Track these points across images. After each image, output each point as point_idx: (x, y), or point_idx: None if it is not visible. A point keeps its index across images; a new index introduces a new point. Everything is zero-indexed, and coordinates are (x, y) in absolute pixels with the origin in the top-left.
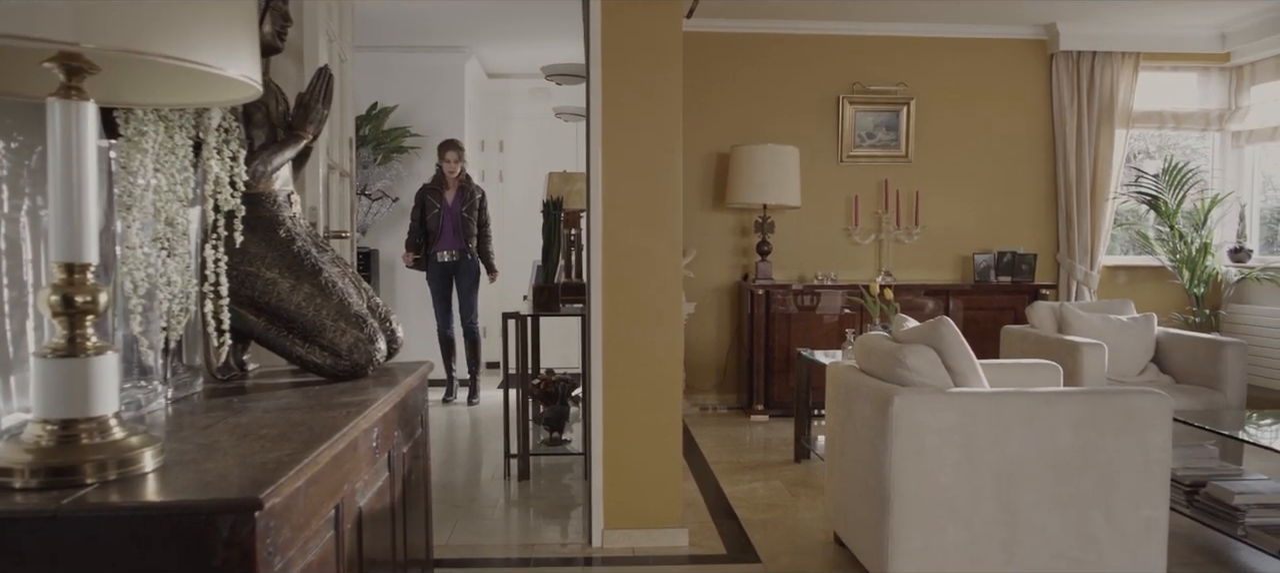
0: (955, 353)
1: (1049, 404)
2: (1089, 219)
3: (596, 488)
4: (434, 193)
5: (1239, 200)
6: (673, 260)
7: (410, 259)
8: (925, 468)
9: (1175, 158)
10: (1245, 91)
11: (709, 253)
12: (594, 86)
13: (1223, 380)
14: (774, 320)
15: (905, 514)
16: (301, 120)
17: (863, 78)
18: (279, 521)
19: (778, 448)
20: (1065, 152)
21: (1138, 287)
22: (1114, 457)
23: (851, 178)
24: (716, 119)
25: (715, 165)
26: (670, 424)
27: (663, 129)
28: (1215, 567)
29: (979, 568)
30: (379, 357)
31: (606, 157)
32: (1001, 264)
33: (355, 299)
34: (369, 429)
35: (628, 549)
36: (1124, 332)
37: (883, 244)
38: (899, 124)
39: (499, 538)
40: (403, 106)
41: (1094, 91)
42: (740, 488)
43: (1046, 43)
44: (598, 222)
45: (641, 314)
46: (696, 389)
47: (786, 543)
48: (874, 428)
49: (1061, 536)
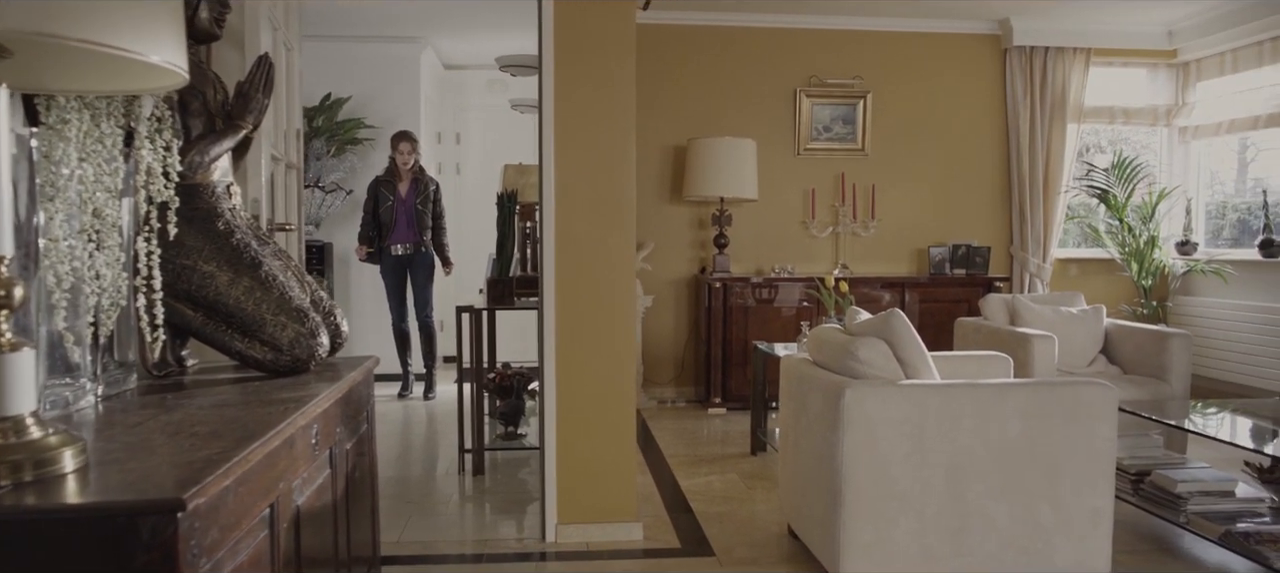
0: (906, 345)
1: (998, 396)
2: (1042, 212)
3: (550, 483)
4: (387, 185)
5: (1186, 194)
6: (626, 253)
7: (364, 253)
8: (876, 460)
9: (1124, 152)
10: (1191, 88)
11: (666, 246)
12: (546, 78)
13: (1168, 371)
14: (731, 313)
15: (856, 506)
16: (241, 110)
17: (820, 71)
18: (205, 521)
19: (735, 441)
20: (1019, 146)
21: (1089, 279)
22: (1061, 447)
23: (808, 171)
24: (673, 112)
25: (672, 158)
26: (624, 418)
27: (616, 121)
28: (1159, 554)
29: (929, 559)
30: (321, 351)
31: (559, 149)
32: (956, 257)
33: (297, 293)
34: (308, 425)
35: (581, 544)
36: (1074, 323)
37: (840, 237)
38: (856, 117)
39: (452, 534)
40: (357, 98)
41: (1046, 86)
42: (696, 481)
43: (1000, 38)
44: (550, 214)
45: (595, 307)
46: (654, 382)
47: (741, 536)
48: (826, 421)
49: (1010, 525)
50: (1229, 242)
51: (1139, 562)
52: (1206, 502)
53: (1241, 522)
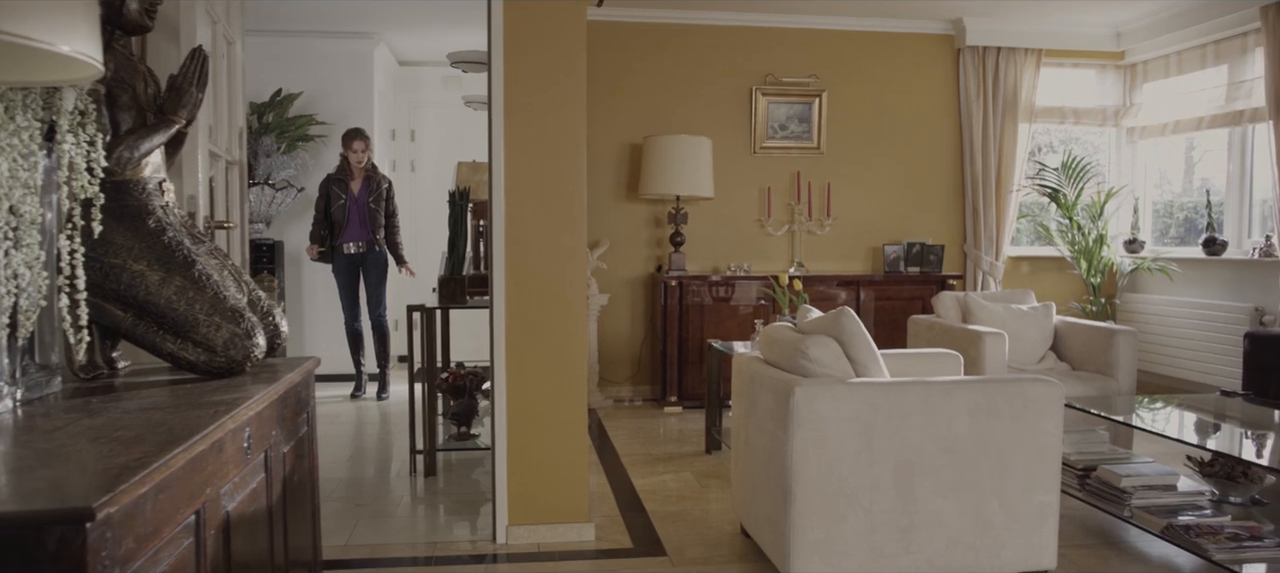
0: (856, 343)
1: (946, 393)
2: (994, 211)
3: (500, 483)
4: (339, 183)
5: (1133, 193)
6: (578, 251)
7: (314, 252)
8: (826, 458)
9: (1074, 152)
10: (1139, 89)
11: (622, 244)
12: (496, 76)
13: (1115, 367)
14: (687, 312)
15: (806, 505)
16: (173, 104)
17: (775, 70)
18: (120, 530)
19: (690, 440)
20: (972, 145)
21: (1040, 276)
22: (1008, 444)
23: (764, 169)
24: (629, 109)
25: (628, 156)
26: (576, 417)
27: (567, 119)
28: (1105, 548)
29: (878, 557)
30: (257, 352)
31: (509, 147)
32: (911, 255)
33: (233, 293)
34: (239, 429)
35: (533, 545)
36: (1024, 321)
37: (795, 235)
38: (811, 116)
39: (402, 536)
40: (308, 94)
41: (999, 86)
42: (650, 481)
43: (954, 38)
44: (500, 212)
45: (546, 306)
46: (610, 381)
47: (694, 536)
48: (776, 419)
49: (958, 522)
50: (1176, 240)
51: (1085, 556)
52: (1150, 496)
53: (1183, 515)
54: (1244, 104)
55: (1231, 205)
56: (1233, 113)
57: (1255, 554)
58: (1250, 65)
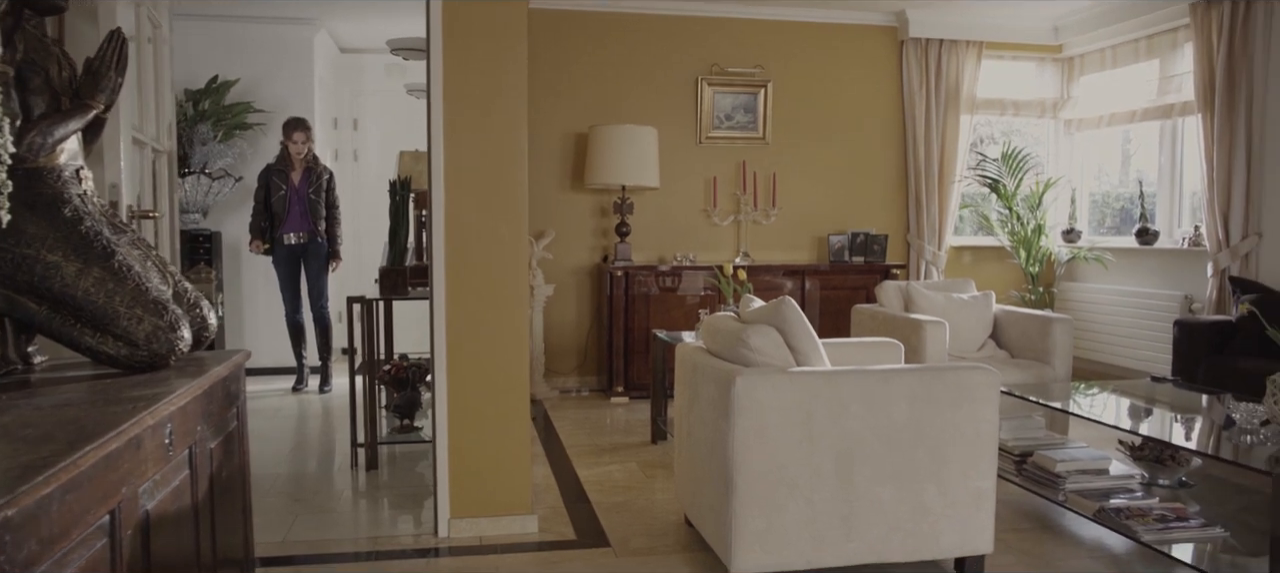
0: (797, 333)
1: (885, 381)
2: (937, 201)
3: (441, 476)
4: (279, 174)
5: (1070, 184)
6: (518, 242)
7: (259, 247)
8: (767, 447)
9: (1013, 143)
10: (1076, 82)
11: (568, 234)
12: (434, 63)
13: (1052, 354)
14: (633, 302)
15: (747, 494)
16: (90, 88)
17: (721, 59)
18: (20, 534)
19: (636, 430)
20: (915, 136)
21: (981, 266)
22: (946, 430)
23: (710, 159)
24: (574, 99)
25: (573, 146)
26: (518, 409)
27: (508, 108)
28: (1040, 532)
29: (819, 544)
30: (182, 346)
31: (449, 136)
32: (855, 245)
33: (156, 284)
34: (159, 424)
35: (475, 538)
36: (964, 309)
37: (741, 225)
38: (757, 106)
39: (342, 532)
40: (246, 81)
41: (941, 78)
42: (595, 471)
43: (897, 29)
44: (439, 203)
45: (487, 297)
46: (557, 372)
47: (638, 526)
48: (717, 409)
49: (897, 508)
50: (1112, 230)
51: (1021, 539)
52: (1083, 480)
53: (1114, 498)
54: (1175, 98)
55: (1163, 196)
56: (1164, 106)
57: (1181, 534)
58: (1180, 60)
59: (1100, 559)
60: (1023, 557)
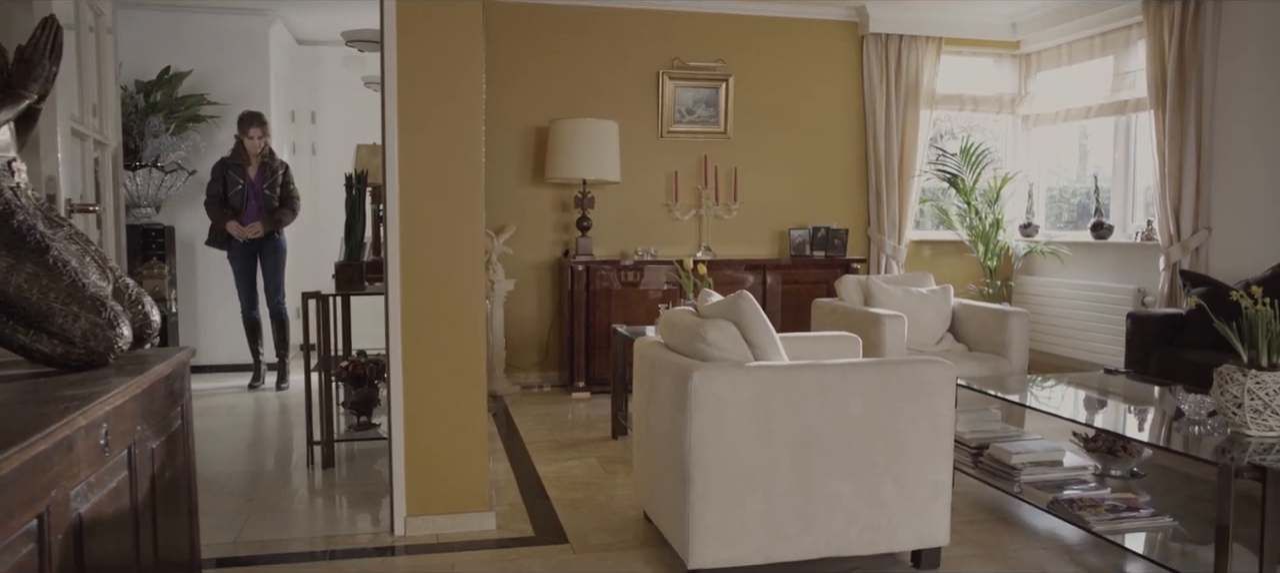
0: (755, 327)
1: (842, 376)
2: (897, 196)
3: (397, 474)
4: (235, 168)
5: (1028, 179)
6: (475, 236)
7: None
8: (724, 442)
9: (972, 139)
10: (1033, 77)
11: (529, 229)
12: (389, 55)
13: (1008, 347)
14: (595, 297)
15: (705, 489)
16: (22, 77)
17: (682, 54)
18: None
19: (596, 425)
20: (875, 130)
21: (941, 260)
22: (903, 424)
23: (672, 154)
24: (535, 92)
25: (534, 139)
26: (474, 404)
27: (464, 101)
28: (996, 523)
29: (777, 539)
30: (122, 343)
31: (404, 130)
32: (816, 239)
33: (94, 280)
34: (94, 425)
35: (432, 536)
36: (923, 303)
37: (703, 220)
38: (718, 101)
39: (296, 531)
40: (200, 72)
41: (901, 73)
42: (555, 467)
43: (857, 25)
44: (395, 197)
45: (443, 292)
46: (518, 367)
47: (597, 522)
48: (675, 403)
49: (854, 502)
50: (1070, 224)
51: (977, 531)
52: (1037, 472)
53: (1068, 489)
54: (1128, 94)
55: (1117, 191)
56: (1118, 102)
57: (1132, 524)
58: (1134, 57)
59: (1054, 550)
60: (978, 548)
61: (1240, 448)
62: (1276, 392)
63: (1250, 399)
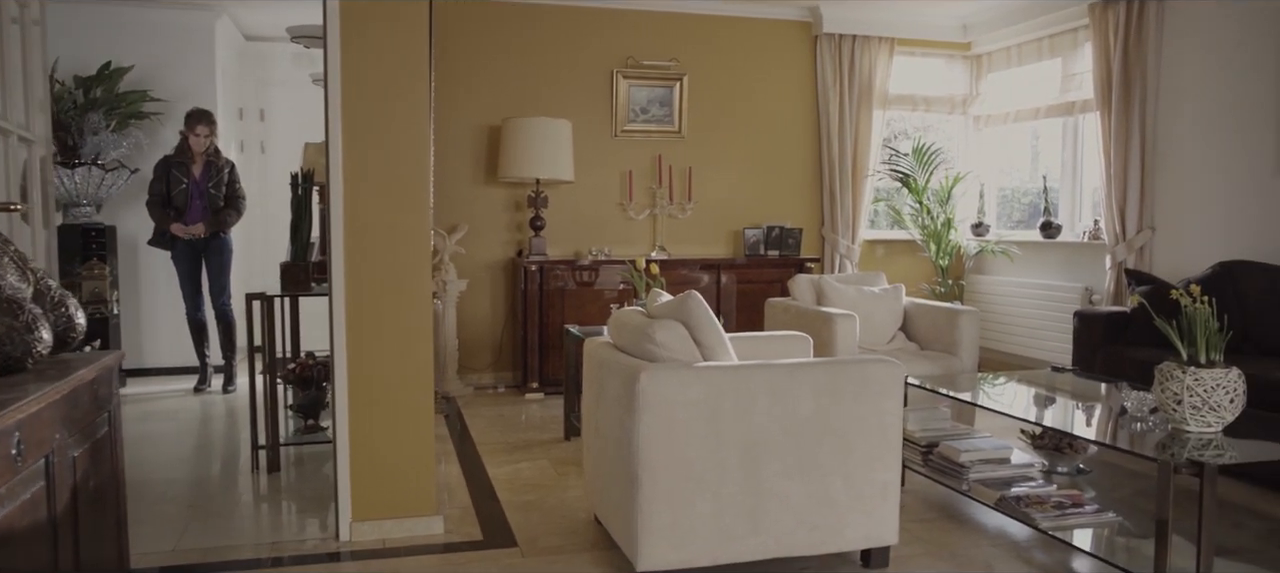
0: (704, 327)
1: (791, 375)
2: (850, 195)
3: (343, 478)
4: (179, 167)
5: (979, 179)
6: (421, 236)
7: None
8: (673, 443)
9: (923, 139)
10: (984, 78)
11: (481, 228)
12: (332, 50)
13: (959, 346)
14: (548, 297)
15: (653, 490)
16: None
17: (636, 52)
18: None
19: (549, 426)
20: (829, 130)
21: (894, 259)
22: (851, 424)
23: (626, 153)
24: (487, 91)
25: (486, 138)
26: (421, 407)
27: (409, 99)
28: (945, 521)
29: (726, 539)
30: (41, 347)
31: (347, 126)
32: (771, 238)
33: (12, 282)
34: (4, 433)
35: (378, 541)
36: (875, 302)
37: (657, 219)
38: (672, 100)
39: (238, 538)
40: (142, 68)
41: (854, 74)
42: (506, 469)
43: (811, 25)
44: (339, 195)
45: (389, 293)
46: (471, 368)
47: (547, 525)
48: (623, 404)
49: (803, 502)
50: (1021, 224)
51: (926, 529)
52: (986, 470)
53: (1016, 486)
54: (1076, 95)
55: (1065, 191)
56: (1066, 103)
57: (1077, 521)
58: (1081, 59)
59: (1002, 547)
60: (927, 546)
61: (1180, 444)
62: (1215, 388)
63: (1189, 396)
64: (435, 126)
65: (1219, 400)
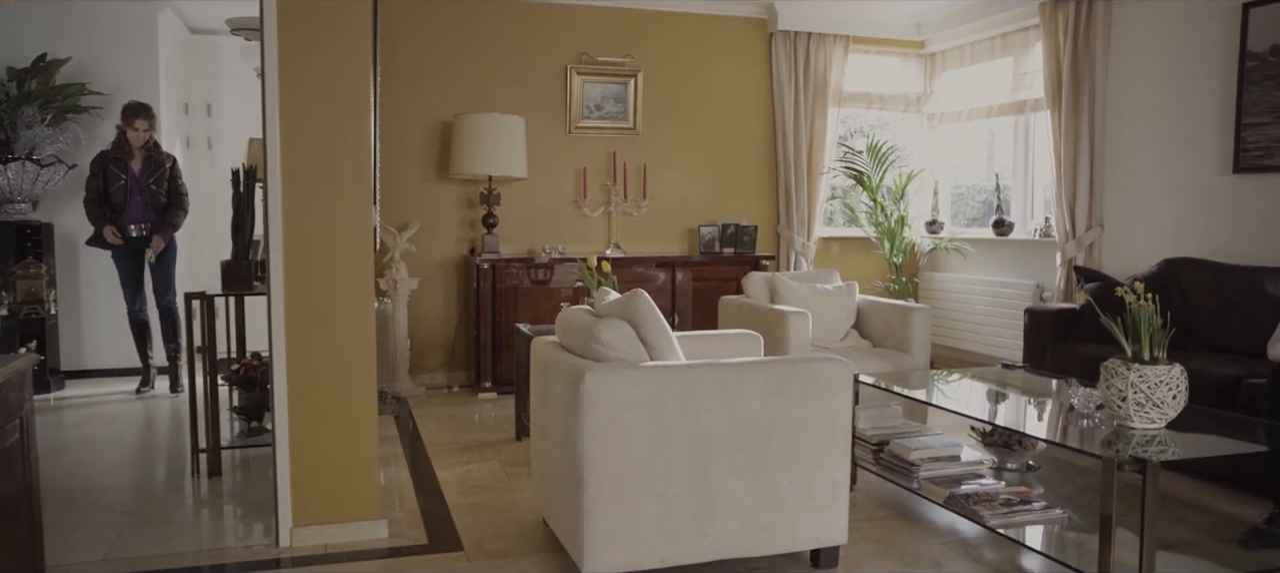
0: (650, 326)
1: (739, 374)
2: (806, 193)
3: (283, 483)
4: (117, 162)
5: (933, 177)
6: (363, 233)
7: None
8: (618, 444)
9: (877, 137)
10: (937, 77)
11: (433, 226)
12: (269, 41)
13: (911, 343)
14: (501, 295)
15: (599, 492)
16: None
17: (590, 48)
18: None
19: (501, 427)
20: (784, 127)
21: (849, 257)
22: (800, 423)
23: (580, 150)
24: (439, 86)
25: (438, 134)
26: (365, 409)
27: (350, 93)
28: (896, 519)
29: (673, 541)
30: None
31: (286, 120)
32: (726, 236)
33: None
34: None
35: (319, 546)
36: (828, 300)
37: (612, 217)
38: (627, 96)
39: (173, 546)
40: (80, 60)
41: (810, 71)
42: (455, 471)
43: (766, 22)
44: (277, 191)
45: (330, 290)
46: (423, 368)
47: (494, 528)
48: (568, 405)
49: (751, 502)
50: (975, 221)
51: (877, 528)
52: (936, 467)
53: (965, 484)
54: (1027, 94)
55: (1018, 189)
56: (1018, 102)
57: (1025, 518)
58: (1032, 58)
59: (952, 545)
60: (878, 545)
61: (1124, 441)
62: (1158, 384)
63: (1134, 392)
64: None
65: (1162, 397)
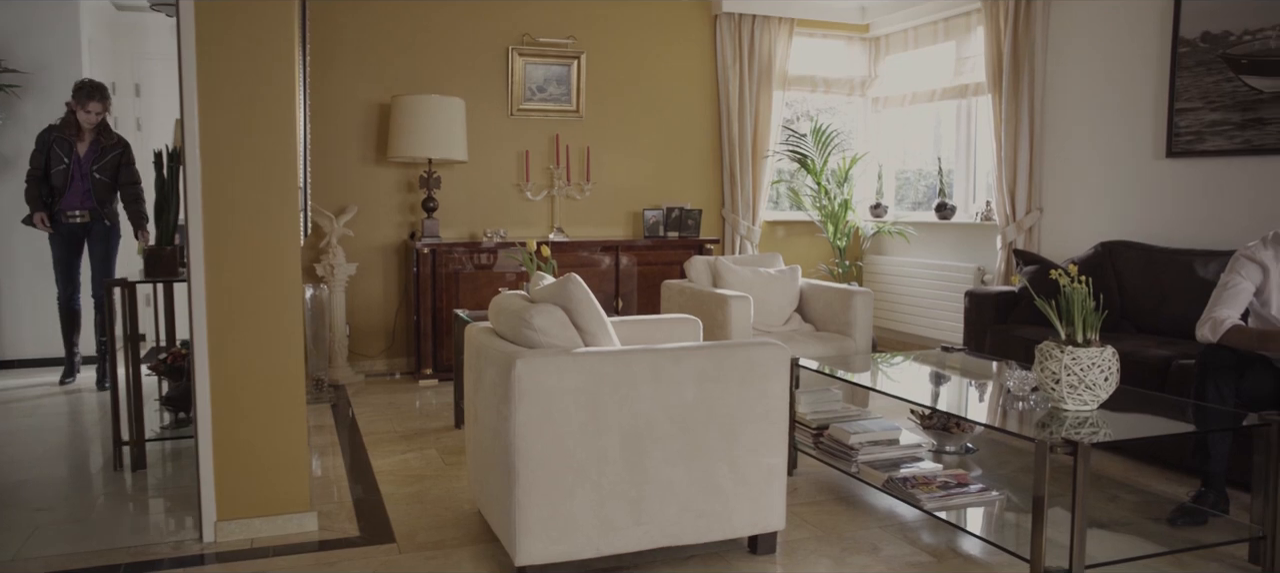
0: (584, 312)
1: (674, 360)
2: (750, 176)
3: (206, 475)
4: (62, 143)
5: (877, 160)
6: (289, 218)
7: (44, 222)
8: (551, 432)
9: (820, 120)
10: (882, 61)
11: (372, 210)
12: (185, 14)
13: (853, 327)
14: (442, 281)
15: (531, 481)
16: None
17: (532, 29)
18: None
19: (441, 414)
20: (729, 110)
21: (794, 240)
22: (737, 408)
23: (522, 132)
24: (377, 67)
25: (376, 116)
26: (292, 398)
27: (275, 72)
28: (836, 504)
29: (608, 530)
30: None
31: (206, 101)
32: (670, 220)
33: None
34: None
35: (245, 541)
36: (771, 284)
37: (555, 200)
38: (570, 79)
39: (91, 543)
40: None
41: (754, 54)
42: (391, 460)
43: (710, 4)
44: (196, 174)
45: (254, 277)
46: (363, 355)
47: (428, 519)
48: (499, 393)
49: (688, 489)
50: (919, 205)
51: (815, 512)
52: (875, 451)
53: (904, 467)
54: (969, 78)
55: (960, 173)
56: (960, 87)
57: (961, 501)
58: (974, 43)
59: (890, 528)
60: (816, 530)
61: (1057, 423)
62: (1090, 367)
63: (1067, 374)
64: (314, 101)
65: (1094, 379)
